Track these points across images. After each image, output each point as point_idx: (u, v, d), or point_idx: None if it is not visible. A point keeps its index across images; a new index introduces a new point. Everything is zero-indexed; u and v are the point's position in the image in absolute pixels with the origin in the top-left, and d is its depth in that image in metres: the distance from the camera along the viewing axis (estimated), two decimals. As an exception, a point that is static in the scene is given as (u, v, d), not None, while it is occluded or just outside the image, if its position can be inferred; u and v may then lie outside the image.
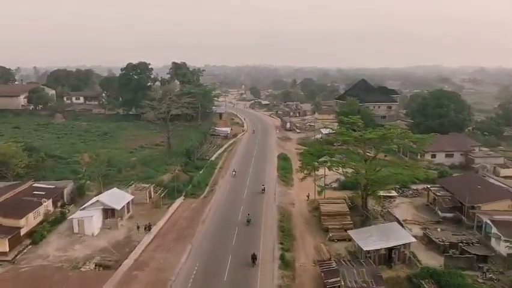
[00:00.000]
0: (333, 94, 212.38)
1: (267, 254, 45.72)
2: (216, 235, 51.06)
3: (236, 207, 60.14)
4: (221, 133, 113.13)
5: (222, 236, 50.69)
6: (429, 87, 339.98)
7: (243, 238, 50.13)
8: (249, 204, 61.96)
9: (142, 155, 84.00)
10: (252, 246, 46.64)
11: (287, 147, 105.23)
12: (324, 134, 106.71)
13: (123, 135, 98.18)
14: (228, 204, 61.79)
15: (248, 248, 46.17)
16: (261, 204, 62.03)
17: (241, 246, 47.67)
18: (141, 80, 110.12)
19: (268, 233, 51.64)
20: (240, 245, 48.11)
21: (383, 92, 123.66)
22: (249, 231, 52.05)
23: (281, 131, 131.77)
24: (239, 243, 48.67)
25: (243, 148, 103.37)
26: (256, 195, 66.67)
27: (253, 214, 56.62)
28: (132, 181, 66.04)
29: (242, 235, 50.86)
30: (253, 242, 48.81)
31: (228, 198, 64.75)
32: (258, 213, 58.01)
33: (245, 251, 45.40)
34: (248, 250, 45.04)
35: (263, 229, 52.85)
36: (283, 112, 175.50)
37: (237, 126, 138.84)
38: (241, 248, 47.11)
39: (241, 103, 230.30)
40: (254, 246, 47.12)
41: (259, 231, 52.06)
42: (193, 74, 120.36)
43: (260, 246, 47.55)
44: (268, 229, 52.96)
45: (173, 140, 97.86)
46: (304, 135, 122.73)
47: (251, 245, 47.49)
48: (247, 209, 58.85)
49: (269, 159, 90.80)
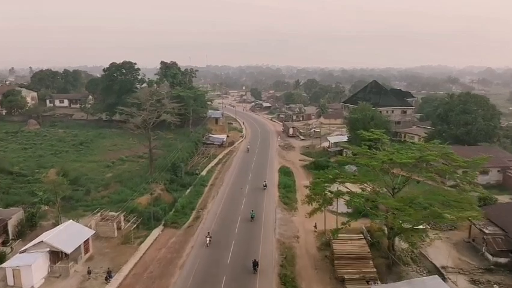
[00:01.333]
0: (339, 96, 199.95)
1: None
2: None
3: (226, 244, 47.61)
4: (215, 141, 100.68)
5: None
6: (437, 88, 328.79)
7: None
8: (242, 239, 49.45)
9: (120, 170, 71.67)
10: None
11: (290, 158, 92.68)
12: (332, 143, 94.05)
13: (102, 145, 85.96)
14: (216, 238, 49.20)
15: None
16: (258, 239, 49.47)
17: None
18: (126, 82, 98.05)
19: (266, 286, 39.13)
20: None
21: (397, 95, 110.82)
22: (243, 284, 39.54)
23: (283, 137, 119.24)
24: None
25: (239, 160, 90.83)
26: (252, 224, 54.23)
27: (248, 253, 44.28)
28: (99, 207, 53.52)
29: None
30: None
31: (216, 230, 52.20)
32: (254, 252, 45.42)
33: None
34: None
35: (259, 279, 40.23)
36: (286, 115, 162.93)
37: (235, 132, 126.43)
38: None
39: (241, 105, 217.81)
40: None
41: (254, 283, 39.50)
42: (185, 75, 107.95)
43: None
44: (266, 278, 40.39)
45: (160, 150, 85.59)
46: (309, 142, 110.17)
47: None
48: (239, 246, 46.48)
49: (269, 173, 78.23)
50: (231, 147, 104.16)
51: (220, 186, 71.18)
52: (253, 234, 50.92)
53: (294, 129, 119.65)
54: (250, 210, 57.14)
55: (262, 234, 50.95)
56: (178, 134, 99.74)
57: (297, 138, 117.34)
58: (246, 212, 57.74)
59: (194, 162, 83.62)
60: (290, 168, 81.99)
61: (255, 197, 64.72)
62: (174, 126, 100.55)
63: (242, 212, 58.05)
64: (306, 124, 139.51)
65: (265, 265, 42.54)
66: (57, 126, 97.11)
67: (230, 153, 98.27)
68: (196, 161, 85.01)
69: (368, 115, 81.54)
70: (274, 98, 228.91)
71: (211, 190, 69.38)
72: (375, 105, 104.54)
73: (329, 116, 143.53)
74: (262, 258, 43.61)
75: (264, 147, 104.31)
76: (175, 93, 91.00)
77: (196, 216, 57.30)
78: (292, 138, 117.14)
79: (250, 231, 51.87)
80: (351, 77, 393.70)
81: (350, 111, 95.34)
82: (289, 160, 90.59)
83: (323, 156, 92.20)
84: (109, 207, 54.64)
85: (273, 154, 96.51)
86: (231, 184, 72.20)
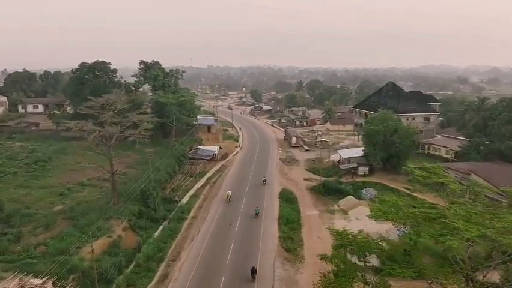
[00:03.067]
0: (345, 98, 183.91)
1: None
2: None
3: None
4: (205, 155, 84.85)
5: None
6: (446, 88, 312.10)
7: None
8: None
9: (75, 201, 55.81)
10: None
11: (293, 176, 76.83)
12: (345, 159, 77.98)
13: (63, 163, 70.12)
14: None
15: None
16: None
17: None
18: (99, 86, 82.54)
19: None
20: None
21: (418, 99, 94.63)
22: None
23: (285, 148, 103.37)
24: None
25: (232, 178, 74.99)
26: (244, 283, 38.57)
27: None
28: (18, 270, 37.45)
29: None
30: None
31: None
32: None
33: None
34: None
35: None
36: (288, 120, 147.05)
37: (230, 141, 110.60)
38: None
39: (240, 108, 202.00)
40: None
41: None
42: (170, 77, 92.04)
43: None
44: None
45: (133, 170, 69.86)
46: (315, 154, 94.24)
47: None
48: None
49: (267, 201, 62.32)
50: (224, 162, 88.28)
51: (204, 220, 55.37)
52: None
53: (297, 138, 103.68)
54: (245, 262, 41.66)
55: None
56: (161, 146, 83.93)
57: (301, 149, 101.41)
58: (233, 265, 41.98)
59: (175, 185, 67.79)
60: (294, 193, 66.07)
61: (248, 238, 48.91)
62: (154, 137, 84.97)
63: (228, 265, 42.25)
64: (311, 131, 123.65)
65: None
66: (15, 138, 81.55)
67: (222, 169, 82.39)
68: (178, 182, 69.15)
69: (390, 126, 65.47)
70: (276, 100, 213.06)
71: (191, 227, 53.50)
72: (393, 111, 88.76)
73: (336, 122, 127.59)
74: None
75: (262, 161, 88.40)
76: (153, 99, 75.47)
77: (163, 274, 41.39)
78: (295, 149, 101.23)
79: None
80: (355, 77, 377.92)
81: (367, 121, 79.24)
82: (292, 179, 74.69)
83: (332, 173, 76.39)
84: (39, 265, 38.81)
85: (273, 171, 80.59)
86: (218, 216, 56.38)
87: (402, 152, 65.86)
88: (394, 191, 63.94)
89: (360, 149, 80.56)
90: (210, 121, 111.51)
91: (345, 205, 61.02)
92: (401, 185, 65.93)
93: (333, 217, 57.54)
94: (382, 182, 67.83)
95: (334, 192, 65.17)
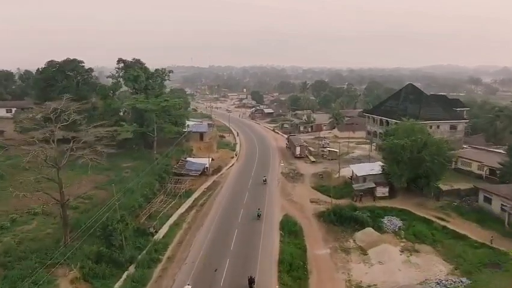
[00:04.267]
0: (354, 100, 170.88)
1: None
2: None
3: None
4: (194, 169, 72.39)
5: None
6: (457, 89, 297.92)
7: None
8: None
9: (19, 236, 43.52)
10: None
11: (297, 197, 64.23)
12: (359, 176, 65.14)
13: (17, 182, 57.76)
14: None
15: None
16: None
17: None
18: (70, 87, 70.21)
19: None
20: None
21: (443, 104, 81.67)
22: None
23: (287, 158, 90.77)
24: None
25: (223, 201, 62.34)
26: None
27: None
28: None
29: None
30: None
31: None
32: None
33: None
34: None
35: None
36: (291, 125, 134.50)
37: (226, 150, 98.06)
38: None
39: (239, 111, 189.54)
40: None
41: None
42: (155, 78, 79.32)
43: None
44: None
45: (103, 191, 57.53)
46: (323, 168, 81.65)
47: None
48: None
49: (265, 235, 49.59)
50: (217, 176, 75.78)
51: (183, 263, 42.86)
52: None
53: (302, 148, 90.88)
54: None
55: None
56: (142, 160, 71.50)
57: (306, 160, 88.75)
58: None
59: (153, 210, 55.29)
60: (298, 222, 53.38)
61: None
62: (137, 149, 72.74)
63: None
64: (317, 138, 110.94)
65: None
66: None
67: (213, 186, 69.90)
68: (157, 207, 56.67)
69: (419, 140, 52.57)
70: (278, 101, 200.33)
71: (164, 274, 40.91)
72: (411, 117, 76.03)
73: (345, 128, 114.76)
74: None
75: (261, 175, 75.85)
76: (129, 105, 63.09)
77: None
78: (299, 161, 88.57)
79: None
80: (361, 78, 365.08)
81: (386, 132, 66.50)
82: (297, 201, 62.08)
83: (344, 193, 63.69)
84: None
85: (273, 189, 67.97)
86: (201, 257, 43.83)
87: (433, 171, 53.10)
88: (424, 221, 51.32)
89: (377, 163, 67.86)
90: (203, 128, 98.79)
91: (364, 240, 48.33)
92: (432, 212, 53.24)
93: (349, 258, 44.89)
94: (407, 208, 55.11)
95: (348, 221, 52.47)
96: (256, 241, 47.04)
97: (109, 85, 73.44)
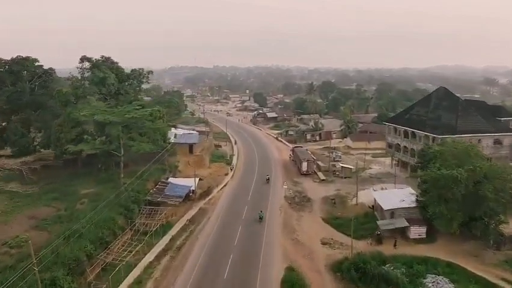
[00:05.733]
0: (365, 103, 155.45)
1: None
2: None
3: None
4: (175, 194, 57.80)
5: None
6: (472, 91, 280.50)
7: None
8: None
9: None
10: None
11: (304, 235, 49.55)
12: (386, 210, 49.99)
13: None
14: None
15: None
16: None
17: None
18: (22, 93, 55.87)
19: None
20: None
21: (483, 112, 66.49)
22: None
23: (292, 175, 76.14)
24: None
25: (208, 242, 47.66)
26: None
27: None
28: None
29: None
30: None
31: None
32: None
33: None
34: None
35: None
36: (296, 132, 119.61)
37: (221, 164, 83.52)
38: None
39: (241, 114, 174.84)
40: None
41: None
42: (131, 80, 64.54)
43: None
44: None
45: (44, 233, 43.17)
46: (335, 189, 67.05)
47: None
48: None
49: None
50: (204, 202, 61.36)
51: None
52: None
53: (309, 163, 76.10)
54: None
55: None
56: (108, 183, 56.91)
57: (314, 178, 74.06)
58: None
59: (110, 260, 40.79)
60: (306, 279, 38.63)
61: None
62: (103, 169, 58.41)
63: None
64: (326, 149, 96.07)
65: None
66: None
67: (198, 217, 55.36)
68: (116, 254, 42.16)
69: (478, 170, 37.58)
70: (283, 104, 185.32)
71: None
72: (447, 129, 61.02)
73: (359, 137, 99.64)
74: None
75: (260, 201, 61.26)
76: (85, 116, 48.30)
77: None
78: (306, 178, 73.98)
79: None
80: (369, 78, 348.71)
81: (423, 154, 51.57)
82: (304, 243, 47.37)
83: (365, 231, 48.81)
84: None
85: (274, 222, 53.34)
86: None
87: (495, 211, 38.15)
88: (486, 285, 36.29)
89: (408, 190, 52.99)
90: (193, 138, 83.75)
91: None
92: (494, 270, 38.20)
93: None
94: (456, 260, 40.11)
95: (376, 281, 37.59)
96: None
97: (64, 89, 57.98)
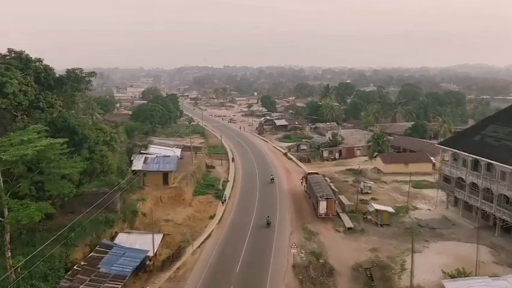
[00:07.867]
0: (392, 109, 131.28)
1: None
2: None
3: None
4: (117, 269, 35.71)
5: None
6: (506, 93, 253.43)
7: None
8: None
9: None
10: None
11: None
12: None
13: None
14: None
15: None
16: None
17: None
18: None
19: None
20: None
21: None
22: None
23: (304, 218, 53.57)
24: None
25: None
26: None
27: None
28: None
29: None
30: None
31: None
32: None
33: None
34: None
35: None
36: (310, 146, 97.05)
37: (207, 198, 61.60)
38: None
39: (246, 120, 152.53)
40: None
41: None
42: (64, 86, 42.80)
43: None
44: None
45: None
46: (369, 247, 44.52)
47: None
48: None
49: None
50: (169, 276, 39.28)
51: None
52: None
53: (329, 203, 53.09)
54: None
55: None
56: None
57: (336, 226, 51.29)
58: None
59: None
60: None
61: None
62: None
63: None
64: (349, 171, 73.32)
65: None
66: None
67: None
68: None
69: None
70: (294, 109, 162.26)
71: None
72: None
73: (393, 158, 76.29)
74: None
75: (252, 276, 39.09)
76: None
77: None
78: (325, 225, 51.41)
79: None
80: (388, 78, 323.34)
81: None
82: None
83: None
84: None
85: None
86: None
87: None
88: None
89: (508, 281, 30.00)
90: (169, 163, 60.55)
91: None
92: None
93: None
94: None
95: None
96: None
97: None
